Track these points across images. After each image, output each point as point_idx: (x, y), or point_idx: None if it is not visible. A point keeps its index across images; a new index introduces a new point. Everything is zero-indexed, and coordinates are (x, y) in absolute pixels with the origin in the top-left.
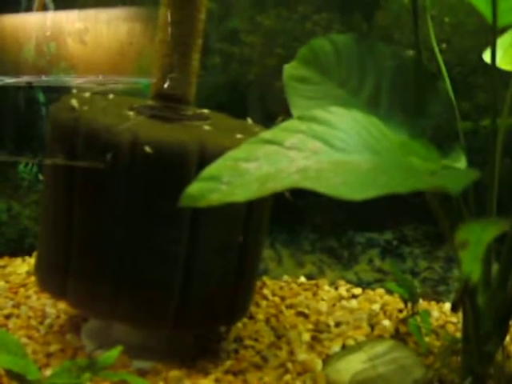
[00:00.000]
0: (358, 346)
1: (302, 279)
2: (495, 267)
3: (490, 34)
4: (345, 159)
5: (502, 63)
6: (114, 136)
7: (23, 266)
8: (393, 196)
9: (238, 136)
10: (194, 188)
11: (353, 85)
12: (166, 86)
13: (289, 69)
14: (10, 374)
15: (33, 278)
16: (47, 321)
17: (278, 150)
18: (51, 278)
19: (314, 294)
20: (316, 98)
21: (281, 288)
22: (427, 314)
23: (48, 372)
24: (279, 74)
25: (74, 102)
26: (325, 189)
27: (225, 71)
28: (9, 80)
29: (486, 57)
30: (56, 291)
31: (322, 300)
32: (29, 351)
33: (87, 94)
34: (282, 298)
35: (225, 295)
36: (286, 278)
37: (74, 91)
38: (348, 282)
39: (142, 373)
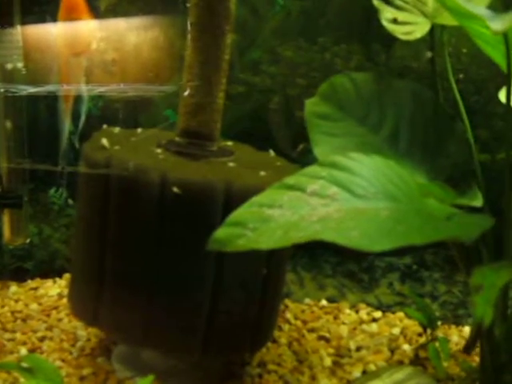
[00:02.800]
0: (378, 373)
1: (324, 302)
2: None
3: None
4: (364, 207)
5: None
6: (144, 176)
7: (54, 288)
8: None
9: (262, 173)
10: (221, 233)
11: (372, 122)
12: (186, 93)
13: (310, 105)
14: None
15: (64, 301)
16: (79, 343)
17: (300, 196)
18: (84, 307)
19: (335, 318)
20: (336, 134)
21: (303, 311)
22: (446, 340)
23: None
24: (300, 103)
25: (105, 142)
26: (344, 241)
27: (247, 100)
28: (32, 89)
29: (502, 96)
30: (89, 319)
31: (343, 324)
32: (63, 374)
33: (116, 130)
34: (304, 322)
35: (249, 323)
36: (307, 300)
37: (105, 126)
38: (368, 305)
39: None
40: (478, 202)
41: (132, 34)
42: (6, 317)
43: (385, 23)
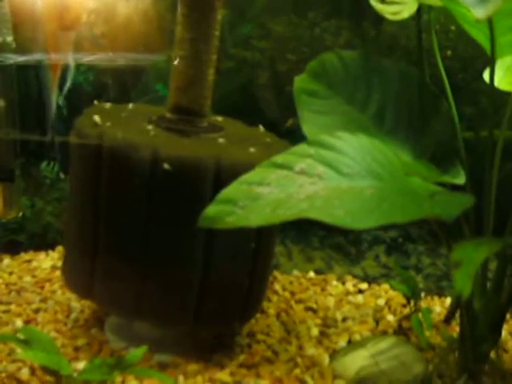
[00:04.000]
0: (363, 343)
1: (311, 274)
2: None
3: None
4: (349, 185)
5: (502, 84)
6: (135, 153)
7: (47, 261)
8: None
9: (251, 150)
10: (211, 210)
11: (360, 100)
12: (176, 63)
13: (299, 82)
14: (44, 369)
15: (57, 273)
16: (73, 315)
17: (288, 174)
18: (78, 280)
19: (323, 289)
20: (324, 112)
21: (291, 283)
22: (429, 311)
23: (77, 365)
24: (289, 78)
25: (97, 118)
26: (330, 219)
27: (238, 75)
28: (20, 58)
29: (486, 76)
30: (82, 292)
31: (330, 295)
32: (58, 345)
33: (107, 105)
34: (292, 293)
35: (239, 295)
36: (295, 272)
37: (96, 102)
38: (355, 276)
39: (162, 366)
40: (460, 179)
41: (121, 2)
42: (1, 289)
43: (373, 3)
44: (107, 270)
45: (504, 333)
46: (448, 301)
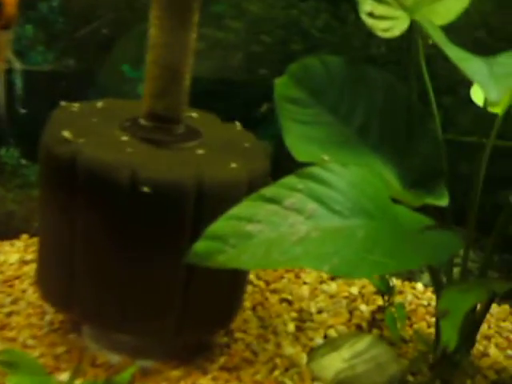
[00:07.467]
0: (339, 343)
1: None
2: None
3: None
4: (341, 225)
5: (491, 107)
6: (113, 175)
7: (13, 253)
8: None
9: (233, 165)
10: (200, 247)
11: (344, 111)
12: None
13: (280, 86)
14: None
15: (25, 269)
16: (47, 317)
17: (278, 210)
18: (55, 295)
19: (297, 276)
20: (307, 122)
21: (264, 270)
22: (402, 306)
23: (60, 376)
24: (263, 60)
25: (67, 134)
26: (326, 269)
27: (210, 57)
28: None
29: (474, 96)
30: (61, 305)
31: (304, 283)
32: (37, 354)
33: (76, 106)
34: (267, 283)
35: (219, 306)
36: None
37: (63, 103)
38: None
39: (144, 372)
40: (443, 201)
41: None
42: None
43: (363, 17)
44: (87, 290)
45: None
46: (418, 286)
